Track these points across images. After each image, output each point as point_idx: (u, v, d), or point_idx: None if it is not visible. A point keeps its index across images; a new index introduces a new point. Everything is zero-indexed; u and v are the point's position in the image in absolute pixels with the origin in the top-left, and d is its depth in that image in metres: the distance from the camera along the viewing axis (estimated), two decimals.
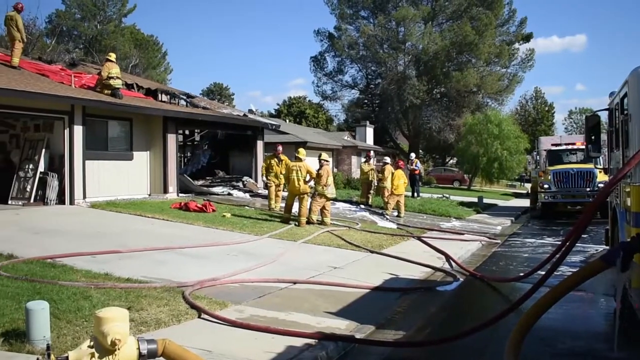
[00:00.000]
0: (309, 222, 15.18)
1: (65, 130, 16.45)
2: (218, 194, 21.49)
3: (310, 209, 15.41)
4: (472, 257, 12.84)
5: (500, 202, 30.82)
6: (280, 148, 18.57)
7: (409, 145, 53.55)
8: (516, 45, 53.08)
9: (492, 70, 51.38)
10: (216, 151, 26.82)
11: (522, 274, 9.61)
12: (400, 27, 50.15)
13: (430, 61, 49.76)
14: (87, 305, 6.30)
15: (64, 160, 16.53)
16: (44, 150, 16.77)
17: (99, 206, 16.08)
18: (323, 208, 15.40)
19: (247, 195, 22.23)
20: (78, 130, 16.69)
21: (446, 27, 51.00)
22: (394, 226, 16.74)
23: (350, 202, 22.45)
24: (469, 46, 47.95)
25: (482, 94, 52.08)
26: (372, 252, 11.93)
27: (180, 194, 20.02)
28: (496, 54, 49.65)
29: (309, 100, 70.02)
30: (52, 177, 16.50)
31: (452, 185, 46.87)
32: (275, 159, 18.10)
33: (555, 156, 23.28)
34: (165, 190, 19.40)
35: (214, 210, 16.40)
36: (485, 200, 27.09)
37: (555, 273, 5.74)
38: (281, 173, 17.71)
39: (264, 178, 17.90)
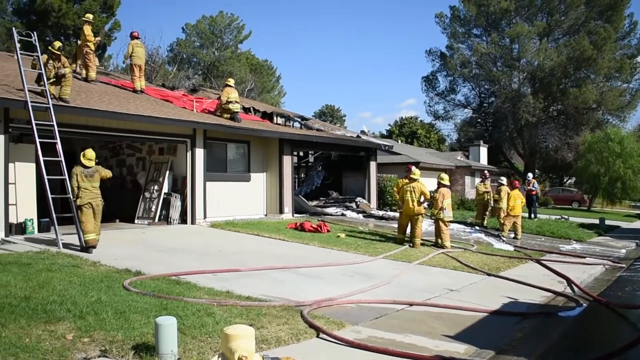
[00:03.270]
0: (423, 244, 15.14)
1: (188, 153, 17.21)
2: (332, 215, 21.74)
3: (440, 237, 15.32)
4: (595, 282, 12.23)
5: (624, 224, 29.25)
6: (414, 169, 16.42)
7: (524, 164, 52.08)
8: (638, 58, 50.37)
9: (612, 86, 49.01)
10: (329, 172, 27.19)
11: None
12: (514, 44, 49.04)
13: (546, 78, 48.23)
14: (211, 322, 6.47)
15: (186, 181, 17.28)
16: (167, 172, 17.60)
17: (219, 226, 16.68)
18: (440, 231, 15.29)
19: (361, 216, 22.35)
20: (199, 153, 17.42)
21: (562, 42, 49.21)
22: (511, 248, 16.27)
23: (465, 223, 22.09)
24: (587, 61, 46.08)
25: (602, 111, 49.77)
26: (489, 274, 11.62)
27: (295, 215, 20.42)
28: (617, 69, 47.37)
29: (421, 120, 69.72)
30: (175, 197, 17.27)
31: (570, 206, 44.92)
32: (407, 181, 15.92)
33: None
34: (281, 211, 19.85)
35: (328, 231, 16.62)
36: (607, 222, 25.77)
37: None
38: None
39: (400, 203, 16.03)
